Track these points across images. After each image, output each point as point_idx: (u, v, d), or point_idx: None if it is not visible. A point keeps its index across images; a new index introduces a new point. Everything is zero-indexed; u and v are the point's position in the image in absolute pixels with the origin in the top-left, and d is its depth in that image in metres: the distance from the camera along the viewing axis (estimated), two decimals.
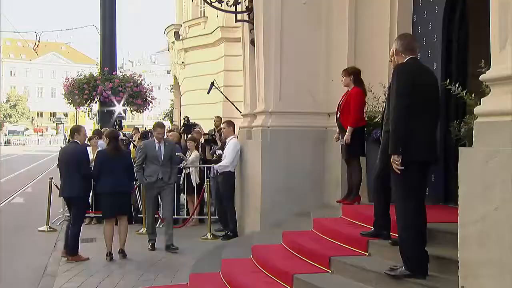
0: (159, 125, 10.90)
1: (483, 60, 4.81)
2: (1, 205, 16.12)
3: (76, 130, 10.28)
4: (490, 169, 4.13)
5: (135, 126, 21.39)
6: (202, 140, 13.60)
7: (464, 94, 5.70)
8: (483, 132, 4.39)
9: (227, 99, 15.90)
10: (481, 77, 4.58)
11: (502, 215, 4.01)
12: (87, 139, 12.20)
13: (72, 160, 9.74)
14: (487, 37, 4.47)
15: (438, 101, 6.03)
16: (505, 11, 4.24)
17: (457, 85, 5.86)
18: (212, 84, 15.56)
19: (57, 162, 10.32)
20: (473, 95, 5.53)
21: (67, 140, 17.23)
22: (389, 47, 8.51)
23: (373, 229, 6.82)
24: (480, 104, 4.59)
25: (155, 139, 10.46)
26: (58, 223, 13.18)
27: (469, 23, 8.14)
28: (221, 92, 16.17)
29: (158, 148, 10.27)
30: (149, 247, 10.30)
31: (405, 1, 9.13)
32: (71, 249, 9.69)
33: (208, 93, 15.66)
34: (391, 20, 9.17)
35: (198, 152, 12.82)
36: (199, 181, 12.43)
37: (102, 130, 14.34)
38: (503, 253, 3.99)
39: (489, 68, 4.49)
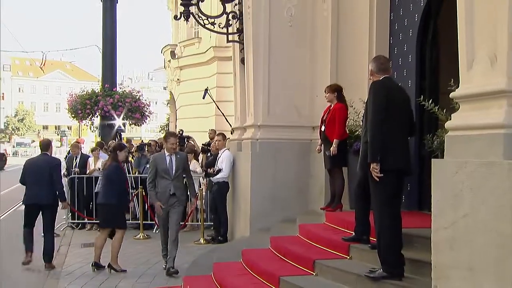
0: (172, 135, 9.48)
1: (452, 79, 4.87)
2: (9, 211, 16.01)
3: (48, 144, 10.34)
4: (460, 179, 4.15)
5: (127, 139, 21.26)
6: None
7: (436, 110, 5.78)
8: (453, 145, 4.42)
9: (219, 109, 15.90)
10: (451, 95, 4.62)
11: (471, 221, 4.03)
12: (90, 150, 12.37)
13: (44, 169, 9.58)
14: (456, 58, 4.53)
15: (410, 115, 6.07)
16: (471, 36, 4.31)
17: (430, 101, 5.94)
18: (206, 90, 15.66)
19: (23, 172, 9.87)
20: (444, 110, 5.60)
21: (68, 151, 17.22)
22: (368, 66, 8.61)
23: (354, 234, 6.84)
24: (450, 119, 4.62)
25: (165, 151, 9.11)
26: (62, 229, 13.12)
27: (440, 45, 8.19)
28: (213, 100, 16.17)
29: (169, 161, 8.84)
30: (164, 266, 8.89)
31: (383, 24, 9.16)
32: (50, 257, 9.52)
33: (203, 98, 15.80)
34: (369, 41, 9.18)
35: (198, 162, 12.82)
36: (201, 188, 12.14)
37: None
38: (472, 256, 4.01)
39: (458, 87, 4.52)
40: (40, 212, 9.70)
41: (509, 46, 3.95)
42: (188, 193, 9.67)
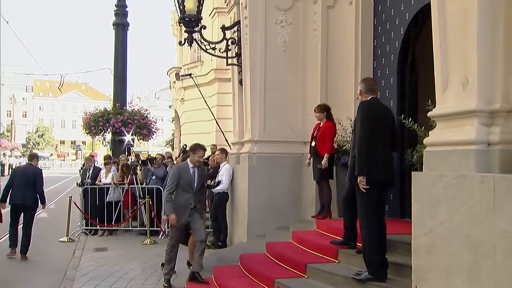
0: (201, 147, 8.20)
1: (430, 100, 4.90)
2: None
3: (34, 156, 11.56)
4: (437, 190, 4.18)
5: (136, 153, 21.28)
6: None
7: (416, 127, 5.82)
8: (431, 159, 4.45)
9: (218, 125, 15.83)
10: (429, 114, 4.66)
11: (446, 228, 4.06)
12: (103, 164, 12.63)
13: (30, 177, 10.56)
14: (433, 81, 4.57)
15: (394, 132, 6.10)
16: (445, 63, 4.36)
17: (409, 119, 5.98)
18: (190, 75, 15.71)
19: (11, 177, 10.94)
20: (422, 128, 5.63)
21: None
22: (354, 87, 8.67)
23: (342, 239, 6.85)
24: (428, 136, 4.65)
25: (189, 162, 8.04)
26: (76, 235, 13.13)
27: (418, 69, 8.24)
28: (214, 116, 16.06)
29: (193, 173, 7.93)
30: (164, 284, 7.92)
31: (367, 50, 9.20)
32: (26, 250, 10.39)
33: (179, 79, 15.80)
34: (355, 65, 9.22)
35: None
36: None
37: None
38: (448, 260, 4.04)
39: (434, 107, 4.57)
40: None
41: (478, 72, 4.01)
42: None
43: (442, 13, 4.37)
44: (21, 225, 10.76)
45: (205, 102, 15.30)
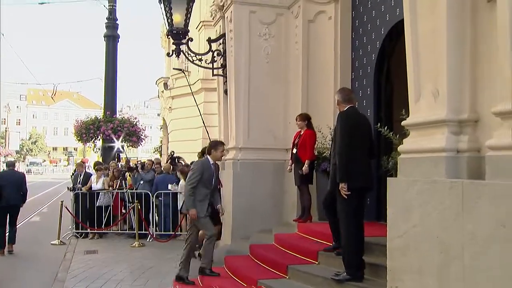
0: (222, 143, 8.12)
1: (404, 110, 4.93)
2: (22, 223, 15.88)
3: (14, 163, 12.95)
4: (410, 195, 4.21)
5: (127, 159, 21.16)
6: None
7: (391, 135, 5.85)
8: (405, 165, 4.49)
9: (207, 132, 15.74)
10: (403, 123, 4.70)
11: (420, 231, 4.09)
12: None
13: (17, 179, 11.51)
14: (407, 92, 4.63)
15: (371, 139, 6.14)
16: (418, 76, 4.42)
17: (385, 128, 6.01)
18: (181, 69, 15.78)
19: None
20: (397, 136, 5.67)
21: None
22: (333, 97, 8.68)
23: (334, 244, 6.68)
24: (402, 143, 4.69)
25: (210, 159, 7.74)
26: (68, 238, 13.03)
27: (393, 80, 8.29)
28: (204, 124, 16.00)
29: (213, 169, 7.71)
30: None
31: (345, 62, 9.25)
32: (14, 240, 11.20)
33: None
34: (334, 76, 9.26)
35: None
36: None
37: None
38: (420, 261, 4.07)
39: (408, 116, 4.62)
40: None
41: (447, 85, 4.07)
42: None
43: (414, 31, 4.43)
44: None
45: (198, 107, 15.30)
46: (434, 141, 4.14)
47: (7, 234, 11.23)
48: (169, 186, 12.90)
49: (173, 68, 17.35)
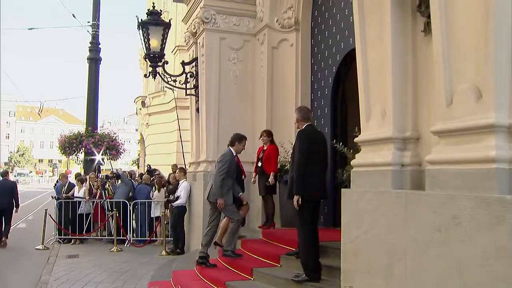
0: (245, 137, 7.88)
1: (356, 127, 4.99)
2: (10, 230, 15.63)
3: (6, 172, 13.55)
4: (362, 204, 4.25)
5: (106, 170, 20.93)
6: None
7: (345, 150, 5.87)
8: (357, 178, 4.53)
9: (182, 147, 15.68)
10: (355, 140, 4.75)
11: (369, 236, 4.13)
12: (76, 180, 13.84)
13: (9, 187, 12.63)
14: (359, 112, 4.71)
15: (326, 154, 6.16)
16: (368, 98, 4.51)
17: (341, 143, 6.04)
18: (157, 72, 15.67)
19: None
20: (351, 151, 5.71)
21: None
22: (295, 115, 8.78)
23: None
24: (355, 158, 4.75)
25: (233, 151, 7.66)
26: (51, 243, 12.80)
27: (348, 101, 8.39)
28: (181, 139, 15.87)
29: (236, 161, 7.64)
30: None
31: (305, 84, 9.36)
32: (7, 234, 12.41)
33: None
34: (296, 97, 9.36)
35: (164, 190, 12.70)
36: (164, 211, 12.01)
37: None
38: (369, 263, 4.11)
39: (360, 133, 4.69)
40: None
41: (393, 106, 4.16)
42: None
43: (365, 59, 4.52)
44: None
45: (178, 121, 15.21)
46: (382, 156, 4.20)
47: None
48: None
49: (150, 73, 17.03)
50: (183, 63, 11.11)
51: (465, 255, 3.13)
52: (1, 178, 12.97)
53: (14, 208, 12.68)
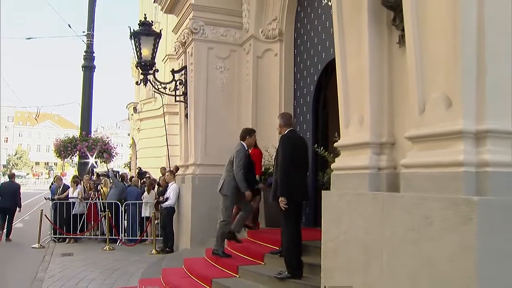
0: (255, 131, 7.82)
1: (336, 133, 5.00)
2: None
3: (13, 175, 14.46)
4: (341, 205, 4.25)
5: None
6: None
7: (326, 154, 5.88)
8: (336, 180, 4.53)
9: (167, 152, 15.62)
10: (335, 144, 4.75)
11: (348, 236, 4.13)
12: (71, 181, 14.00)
13: (14, 188, 13.49)
14: (339, 118, 4.74)
15: (308, 158, 6.19)
16: (347, 105, 4.53)
17: (321, 148, 6.05)
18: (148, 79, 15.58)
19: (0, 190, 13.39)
20: (331, 155, 5.71)
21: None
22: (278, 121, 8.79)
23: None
24: (335, 161, 4.76)
25: (245, 145, 7.50)
26: (47, 242, 12.71)
27: (328, 108, 8.44)
28: (167, 144, 15.79)
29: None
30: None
31: (289, 91, 9.40)
32: (9, 233, 13.11)
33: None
34: (279, 103, 9.40)
35: (154, 192, 12.64)
36: (154, 212, 11.93)
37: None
38: (348, 261, 4.11)
39: (339, 138, 4.71)
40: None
41: (370, 113, 4.18)
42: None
43: (344, 69, 4.55)
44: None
45: (165, 128, 15.18)
46: (360, 160, 4.22)
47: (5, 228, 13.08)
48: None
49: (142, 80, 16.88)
50: (173, 71, 11.09)
51: (435, 253, 3.16)
52: (8, 180, 14.03)
53: (17, 208, 13.42)
